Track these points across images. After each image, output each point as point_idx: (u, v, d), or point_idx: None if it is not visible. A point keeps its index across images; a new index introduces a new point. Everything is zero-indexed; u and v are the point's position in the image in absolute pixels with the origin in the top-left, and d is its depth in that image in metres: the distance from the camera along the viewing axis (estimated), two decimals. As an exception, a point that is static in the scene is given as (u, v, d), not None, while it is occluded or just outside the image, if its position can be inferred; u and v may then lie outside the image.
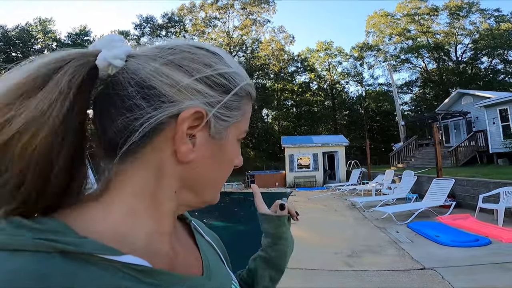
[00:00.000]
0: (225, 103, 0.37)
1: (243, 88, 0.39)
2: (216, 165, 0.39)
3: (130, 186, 0.35)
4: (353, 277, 3.56)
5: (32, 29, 26.60)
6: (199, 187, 0.39)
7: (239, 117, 0.39)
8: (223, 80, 0.37)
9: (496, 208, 5.64)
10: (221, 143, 0.38)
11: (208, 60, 0.37)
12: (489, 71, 31.52)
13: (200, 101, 0.35)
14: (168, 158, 0.35)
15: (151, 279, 0.32)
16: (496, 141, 13.66)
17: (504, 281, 3.10)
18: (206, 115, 0.35)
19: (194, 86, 0.35)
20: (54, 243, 0.27)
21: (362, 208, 8.19)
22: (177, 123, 0.34)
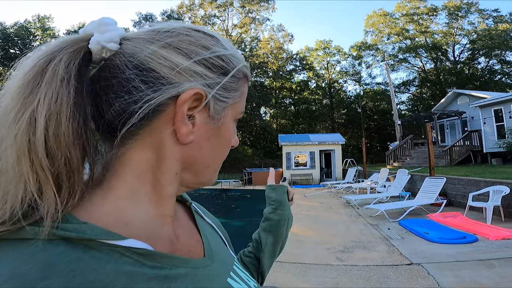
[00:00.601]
0: (224, 85, 0.38)
1: (240, 70, 0.40)
2: (215, 145, 0.40)
3: (130, 169, 0.35)
4: (344, 272, 3.71)
5: (31, 26, 26.48)
6: (198, 168, 0.39)
7: (237, 98, 0.40)
8: (221, 62, 0.37)
9: (484, 206, 5.81)
10: (219, 124, 0.39)
11: (206, 43, 0.37)
12: (486, 72, 31.73)
13: (199, 83, 0.35)
14: (168, 139, 0.36)
15: (154, 262, 0.32)
16: (490, 141, 13.86)
17: (488, 277, 3.25)
18: (206, 96, 0.36)
19: (193, 68, 0.35)
20: (57, 230, 0.28)
21: (356, 206, 8.35)
22: (177, 104, 0.34)
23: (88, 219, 0.31)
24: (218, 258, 0.44)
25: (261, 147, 30.82)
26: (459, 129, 17.29)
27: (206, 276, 0.38)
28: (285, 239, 0.76)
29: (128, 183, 0.35)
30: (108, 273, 0.28)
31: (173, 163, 0.37)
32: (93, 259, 0.28)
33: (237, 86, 0.40)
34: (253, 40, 35.22)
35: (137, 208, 0.35)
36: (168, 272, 0.33)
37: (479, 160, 14.68)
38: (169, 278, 0.33)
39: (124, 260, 0.30)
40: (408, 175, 9.50)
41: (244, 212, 10.03)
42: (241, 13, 34.37)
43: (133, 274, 0.30)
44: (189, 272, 0.36)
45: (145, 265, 0.31)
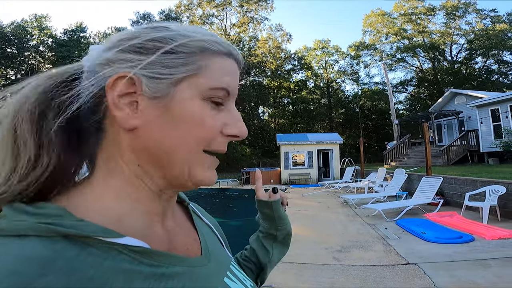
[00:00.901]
0: (161, 62, 0.35)
1: (189, 45, 0.37)
2: (169, 126, 0.36)
3: (105, 165, 0.37)
4: (341, 271, 3.71)
5: (28, 26, 26.31)
6: (159, 156, 0.36)
7: (190, 71, 0.36)
8: (155, 43, 0.36)
9: (481, 206, 5.84)
10: (166, 102, 0.36)
11: (138, 33, 0.37)
12: (483, 71, 31.90)
13: (124, 67, 0.35)
14: (119, 130, 0.36)
15: (151, 260, 0.33)
16: (487, 141, 13.92)
17: (483, 277, 3.26)
18: (131, 78, 0.35)
19: (118, 57, 0.35)
20: (56, 227, 0.28)
21: (354, 205, 8.37)
22: (106, 92, 0.35)
23: (87, 217, 0.31)
24: (215, 257, 0.44)
25: (259, 146, 30.85)
26: (456, 129, 17.37)
27: (203, 275, 0.39)
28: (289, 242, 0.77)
29: (106, 180, 0.36)
30: (105, 271, 0.28)
31: (129, 154, 0.36)
32: (91, 256, 0.29)
33: (188, 61, 0.36)
34: (251, 39, 35.24)
35: (123, 205, 0.36)
36: (165, 270, 0.33)
37: (476, 160, 14.75)
38: (166, 276, 0.33)
39: (122, 258, 0.30)
40: (405, 175, 9.53)
41: (242, 211, 10.03)
42: (239, 12, 34.36)
43: (130, 272, 0.30)
44: (186, 271, 0.36)
45: (142, 263, 0.32)
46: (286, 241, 0.75)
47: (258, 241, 0.73)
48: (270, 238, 0.72)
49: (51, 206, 0.31)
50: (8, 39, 24.02)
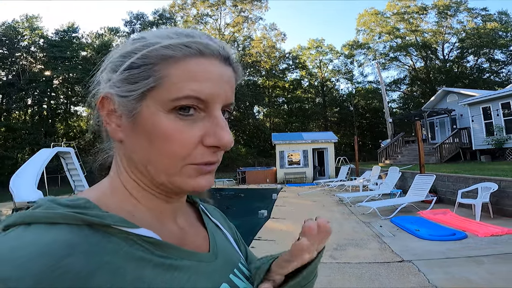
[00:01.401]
0: (126, 79, 0.36)
1: (149, 56, 0.36)
2: (141, 142, 0.37)
3: (115, 168, 0.42)
4: (336, 269, 3.74)
5: (19, 26, 25.87)
6: (141, 168, 0.39)
7: (148, 85, 0.35)
8: (121, 60, 0.38)
9: (473, 203, 5.92)
10: (134, 119, 0.37)
11: (117, 50, 0.40)
12: (474, 70, 32.30)
13: (108, 86, 0.38)
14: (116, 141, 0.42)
15: (161, 251, 0.36)
16: (479, 138, 14.11)
17: (476, 274, 3.30)
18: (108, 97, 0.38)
19: (103, 76, 0.40)
20: (82, 216, 0.32)
21: (349, 204, 8.42)
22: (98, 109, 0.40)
23: (108, 210, 0.36)
24: (222, 255, 0.46)
25: (254, 146, 30.85)
26: (448, 127, 17.57)
27: (209, 270, 0.41)
28: None
29: (117, 180, 0.41)
30: (121, 257, 0.32)
31: (124, 161, 0.41)
32: (110, 243, 0.32)
33: (149, 73, 0.35)
34: (245, 39, 35.20)
35: (131, 203, 0.40)
36: (173, 262, 0.36)
37: (468, 157, 14.94)
38: (173, 267, 0.36)
39: (136, 247, 0.34)
40: (399, 173, 9.63)
41: (238, 211, 10.03)
42: (233, 12, 34.29)
43: (142, 260, 0.34)
44: (193, 265, 0.39)
45: (153, 253, 0.35)
46: None
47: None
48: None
49: (81, 199, 0.35)
50: (-1, 40, 23.64)
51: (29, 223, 0.31)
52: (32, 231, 0.30)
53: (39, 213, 0.32)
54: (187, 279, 0.36)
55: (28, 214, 0.32)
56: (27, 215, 0.31)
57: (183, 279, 0.36)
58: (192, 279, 0.37)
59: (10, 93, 23.41)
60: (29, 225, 0.31)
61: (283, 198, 10.58)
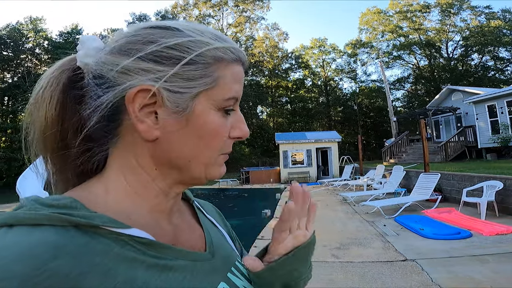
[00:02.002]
0: (180, 75, 0.35)
1: (206, 55, 0.36)
2: (191, 139, 0.37)
3: (118, 165, 0.39)
4: (339, 268, 3.73)
5: (23, 28, 26.16)
6: (179, 163, 0.38)
7: (207, 85, 0.37)
8: (174, 52, 0.35)
9: (479, 202, 5.87)
10: (187, 116, 0.36)
11: (152, 37, 0.36)
12: (479, 68, 31.98)
13: (147, 78, 0.35)
14: (138, 138, 0.37)
15: (155, 252, 0.35)
16: (485, 136, 13.97)
17: (480, 272, 3.28)
18: (156, 91, 0.35)
19: (137, 65, 0.35)
20: (68, 217, 0.30)
21: (353, 203, 8.40)
22: (126, 103, 0.35)
23: (99, 209, 0.34)
24: (219, 253, 0.45)
25: (258, 146, 30.84)
26: (453, 125, 17.42)
27: (206, 269, 0.40)
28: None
29: (118, 179, 0.38)
30: (111, 258, 0.31)
31: (148, 159, 0.38)
32: (100, 244, 0.31)
33: (206, 72, 0.36)
34: (248, 39, 35.22)
35: (132, 202, 0.38)
36: (168, 262, 0.35)
37: (474, 156, 14.81)
38: (168, 268, 0.35)
39: (128, 248, 0.33)
40: (403, 172, 9.57)
41: (241, 211, 10.05)
42: (235, 12, 34.34)
43: (134, 261, 0.32)
44: (189, 264, 0.38)
45: (146, 254, 0.34)
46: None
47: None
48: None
49: (66, 198, 0.33)
50: (3, 42, 23.84)
51: (11, 224, 0.29)
52: (14, 233, 0.29)
53: (21, 214, 0.30)
54: (182, 279, 0.36)
55: (11, 215, 0.30)
56: (9, 217, 0.30)
57: (178, 279, 0.35)
58: (188, 279, 0.36)
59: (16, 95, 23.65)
60: (11, 227, 0.29)
61: (286, 198, 10.53)
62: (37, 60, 26.22)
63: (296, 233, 0.46)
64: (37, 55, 26.17)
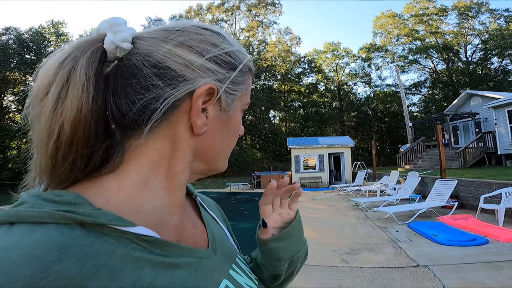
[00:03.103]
0: (232, 79, 0.40)
1: (245, 64, 0.43)
2: (225, 135, 0.43)
3: (146, 159, 0.37)
4: (348, 273, 3.67)
5: (45, 32, 27.30)
6: (209, 156, 0.42)
7: (244, 90, 0.43)
8: (229, 58, 0.40)
9: (497, 209, 5.66)
10: (229, 115, 0.42)
11: (215, 40, 0.40)
12: (499, 72, 30.96)
13: (212, 78, 0.38)
14: (184, 131, 0.38)
15: (160, 250, 0.34)
16: (505, 142, 13.47)
17: (495, 279, 3.17)
18: (218, 90, 0.38)
19: (206, 65, 0.38)
20: (73, 215, 0.29)
21: (365, 209, 8.25)
22: (193, 99, 0.37)
23: (105, 206, 0.33)
24: (221, 250, 0.46)
25: (270, 150, 30.82)
26: (472, 131, 16.87)
27: (209, 266, 0.40)
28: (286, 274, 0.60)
29: (143, 173, 0.37)
30: (117, 258, 0.30)
31: (188, 153, 0.40)
32: (105, 244, 0.30)
33: (244, 80, 0.43)
34: (260, 43, 35.46)
35: (150, 196, 0.37)
36: (173, 260, 0.35)
37: (493, 162, 14.29)
38: (173, 266, 0.35)
39: (133, 247, 0.32)
40: (418, 178, 9.33)
41: (252, 214, 10.04)
42: (248, 16, 34.68)
43: (140, 260, 0.32)
44: (193, 262, 0.38)
45: (151, 252, 0.33)
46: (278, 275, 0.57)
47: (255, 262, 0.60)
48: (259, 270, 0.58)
49: (70, 194, 0.32)
50: (26, 45, 24.86)
51: (12, 222, 0.28)
52: (16, 231, 0.28)
53: (23, 211, 0.29)
54: (188, 277, 0.36)
55: (11, 212, 0.29)
56: (10, 214, 0.29)
57: (183, 277, 0.35)
58: (193, 276, 0.36)
59: (37, 98, 24.58)
60: (12, 224, 0.28)
61: (297, 203, 10.47)
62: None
63: (279, 211, 0.56)
64: (58, 58, 27.25)
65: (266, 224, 0.53)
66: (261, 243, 0.54)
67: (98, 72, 0.34)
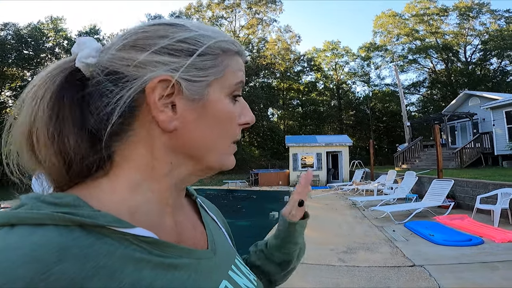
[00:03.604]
0: (194, 65, 0.37)
1: (214, 47, 0.39)
2: (208, 126, 0.39)
3: (130, 161, 0.37)
4: (345, 272, 3.70)
5: (44, 28, 27.08)
6: (197, 153, 0.39)
7: (219, 73, 0.39)
8: (184, 45, 0.37)
9: (492, 209, 5.71)
10: (204, 104, 0.38)
11: (164, 32, 0.37)
12: (498, 73, 31.05)
13: (163, 70, 0.36)
14: (155, 130, 0.37)
15: (160, 251, 0.34)
16: (502, 143, 13.56)
17: (490, 279, 3.21)
18: (169, 80, 0.36)
19: (153, 58, 0.36)
20: (72, 217, 0.30)
21: (362, 208, 8.30)
22: (146, 95, 0.35)
23: (101, 208, 0.33)
24: (220, 251, 0.46)
25: (268, 148, 30.83)
26: (470, 131, 16.98)
27: (209, 267, 0.40)
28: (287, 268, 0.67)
29: (130, 176, 0.37)
30: (117, 259, 0.30)
31: (166, 152, 0.38)
32: (105, 245, 0.30)
33: (216, 63, 0.39)
34: (260, 41, 35.28)
35: (141, 199, 0.37)
36: (173, 261, 0.35)
37: (490, 163, 14.39)
38: (173, 267, 0.35)
39: (133, 248, 0.32)
40: (415, 177, 9.39)
41: (250, 212, 10.08)
42: (248, 14, 34.49)
43: (140, 261, 0.32)
44: (193, 263, 0.38)
45: (151, 253, 0.33)
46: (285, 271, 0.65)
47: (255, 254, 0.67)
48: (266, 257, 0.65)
49: (69, 196, 0.32)
50: (24, 41, 24.66)
51: (12, 224, 0.29)
52: (16, 233, 0.28)
53: (23, 213, 0.29)
54: (187, 278, 0.36)
55: (12, 214, 0.29)
56: (10, 216, 0.29)
57: (183, 278, 0.35)
58: (193, 277, 0.36)
59: (35, 93, 24.47)
60: (12, 226, 0.29)
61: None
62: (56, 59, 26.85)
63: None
64: (56, 54, 26.99)
65: (303, 203, 0.63)
66: (290, 224, 0.63)
67: (62, 88, 0.36)
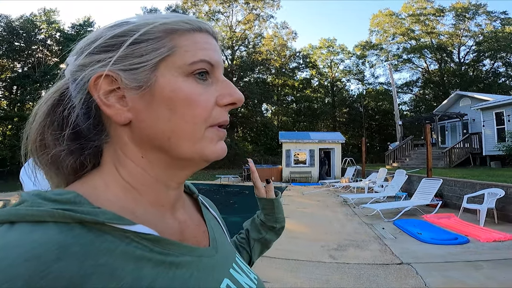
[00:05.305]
0: (130, 54, 0.36)
1: (152, 31, 0.37)
2: (161, 112, 0.36)
3: (110, 160, 0.39)
4: (335, 269, 3.78)
5: (37, 20, 26.48)
6: (160, 143, 0.37)
7: (163, 54, 0.37)
8: (117, 39, 0.37)
9: (479, 209, 5.86)
10: (151, 89, 0.36)
11: (100, 34, 0.38)
12: (490, 74, 31.53)
13: (99, 67, 0.36)
14: (115, 126, 0.38)
15: (161, 248, 0.34)
16: (490, 144, 13.85)
17: (474, 278, 3.31)
18: (110, 75, 0.36)
19: (90, 60, 0.36)
20: (72, 214, 0.29)
21: (353, 205, 8.42)
22: (92, 94, 0.36)
23: (99, 205, 0.33)
24: (221, 249, 0.46)
25: (261, 143, 30.84)
26: (459, 131, 17.27)
27: (210, 265, 0.40)
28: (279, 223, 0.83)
29: (115, 174, 0.38)
30: (117, 257, 0.30)
31: (132, 147, 0.38)
32: (105, 243, 0.30)
33: (157, 46, 0.37)
34: (256, 36, 35.07)
35: (131, 196, 0.37)
36: (175, 259, 0.35)
37: (478, 163, 14.69)
38: (174, 265, 0.34)
39: (134, 245, 0.32)
40: (405, 176, 9.55)
41: (242, 207, 10.12)
42: (245, 9, 34.20)
43: (141, 259, 0.31)
44: (195, 260, 0.37)
45: (152, 251, 0.33)
46: (279, 233, 0.83)
47: (253, 225, 0.82)
48: (267, 227, 0.80)
49: (70, 193, 0.32)
50: (16, 33, 24.15)
51: (12, 221, 0.29)
52: (16, 230, 0.28)
53: (23, 210, 0.29)
54: (189, 276, 0.35)
55: (12, 211, 0.29)
56: (10, 213, 0.29)
57: (185, 276, 0.35)
58: (195, 275, 0.36)
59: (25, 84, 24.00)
60: (12, 224, 0.28)
61: (287, 197, 10.61)
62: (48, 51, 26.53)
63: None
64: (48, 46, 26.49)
65: (269, 181, 0.84)
66: (269, 201, 0.81)
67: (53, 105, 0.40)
